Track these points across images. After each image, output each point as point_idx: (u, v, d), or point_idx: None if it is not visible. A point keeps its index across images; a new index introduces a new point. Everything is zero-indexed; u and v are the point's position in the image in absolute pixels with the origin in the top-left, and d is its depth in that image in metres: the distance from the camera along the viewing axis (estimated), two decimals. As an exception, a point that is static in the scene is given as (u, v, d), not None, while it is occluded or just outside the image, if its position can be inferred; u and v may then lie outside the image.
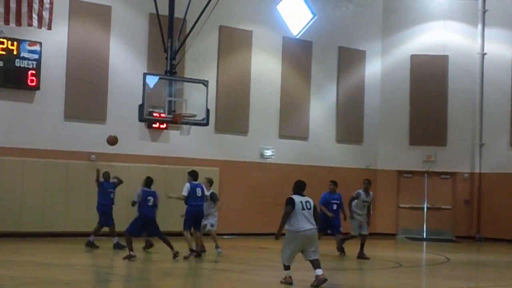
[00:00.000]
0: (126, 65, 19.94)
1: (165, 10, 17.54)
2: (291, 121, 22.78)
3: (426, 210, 24.10)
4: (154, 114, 16.84)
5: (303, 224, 11.00)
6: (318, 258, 11.11)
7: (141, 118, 16.81)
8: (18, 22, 17.77)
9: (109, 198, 16.42)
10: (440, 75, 24.16)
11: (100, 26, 19.60)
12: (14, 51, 17.98)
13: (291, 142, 22.72)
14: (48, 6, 18.03)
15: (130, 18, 20.13)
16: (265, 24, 22.31)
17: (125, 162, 19.28)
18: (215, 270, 13.95)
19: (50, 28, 18.20)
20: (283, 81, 22.67)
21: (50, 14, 18.10)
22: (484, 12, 24.02)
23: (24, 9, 17.74)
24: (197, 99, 17.01)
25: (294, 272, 11.28)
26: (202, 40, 19.44)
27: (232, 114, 21.62)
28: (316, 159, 22.91)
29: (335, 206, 16.83)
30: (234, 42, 21.75)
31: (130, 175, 18.50)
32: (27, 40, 18.17)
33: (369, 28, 24.36)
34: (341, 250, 16.61)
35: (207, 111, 17.12)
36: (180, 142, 20.05)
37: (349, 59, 23.98)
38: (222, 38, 21.54)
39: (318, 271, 11.02)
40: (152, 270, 13.90)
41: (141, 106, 16.48)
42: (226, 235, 19.98)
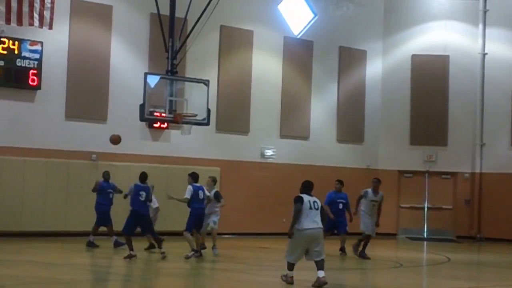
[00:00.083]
0: (127, 64, 19.95)
1: (166, 10, 17.53)
2: (292, 121, 22.78)
3: (426, 210, 24.10)
4: (155, 113, 16.82)
5: (309, 223, 10.98)
6: (323, 258, 11.09)
7: (142, 118, 16.80)
8: (19, 21, 17.78)
9: (108, 198, 16.44)
10: (441, 75, 24.15)
11: (101, 26, 19.61)
12: (15, 51, 18.00)
13: (292, 142, 22.71)
14: (49, 5, 18.04)
15: (131, 18, 20.14)
16: (266, 24, 22.31)
17: (126, 162, 19.29)
18: (216, 270, 13.95)
19: (51, 27, 18.21)
20: (284, 81, 22.67)
21: (51, 13, 18.12)
22: (485, 12, 24.01)
23: (25, 8, 17.76)
24: (198, 99, 17.00)
25: (296, 272, 11.27)
26: (203, 39, 19.43)
27: (233, 114, 21.63)
28: (316, 159, 22.90)
29: (341, 205, 16.77)
30: (235, 42, 21.75)
31: (131, 175, 18.42)
32: (28, 39, 18.19)
33: (370, 28, 24.35)
34: (343, 250, 16.61)
35: (208, 111, 17.10)
36: (181, 142, 20.06)
37: (350, 59, 23.97)
38: (223, 38, 21.54)
39: (320, 273, 11.01)
40: (152, 269, 13.90)
41: (142, 106, 16.47)
42: (226, 235, 19.99)
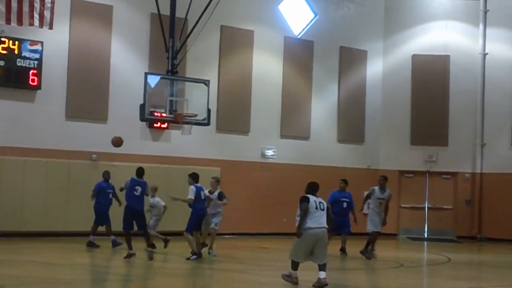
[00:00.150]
0: (128, 64, 19.94)
1: (166, 10, 17.53)
2: (293, 121, 22.77)
3: (427, 210, 24.09)
4: (156, 113, 16.81)
5: (315, 223, 10.98)
6: (325, 263, 11.07)
7: (142, 118, 16.80)
8: (20, 21, 17.77)
9: (107, 198, 16.46)
10: (441, 75, 24.14)
11: (101, 26, 19.60)
12: (16, 51, 17.99)
13: (293, 142, 22.70)
14: (49, 5, 18.04)
15: (132, 18, 20.13)
16: (266, 24, 22.30)
17: (126, 162, 19.25)
18: (216, 270, 13.94)
19: (51, 27, 18.20)
20: (285, 81, 22.66)
21: (52, 13, 18.11)
22: (485, 12, 24.00)
23: (25, 8, 17.75)
24: (198, 99, 16.99)
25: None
26: (203, 39, 19.42)
27: (233, 114, 21.61)
28: (317, 159, 22.89)
29: (345, 204, 16.74)
30: (235, 42, 21.74)
31: (131, 175, 18.31)
32: (29, 39, 18.18)
33: (370, 28, 24.34)
34: (344, 251, 16.58)
35: (208, 111, 17.09)
36: (181, 142, 20.05)
37: (350, 59, 23.96)
38: (223, 38, 21.53)
39: (321, 274, 11.01)
40: (152, 269, 13.89)
41: (142, 106, 16.46)
42: (227, 235, 19.97)
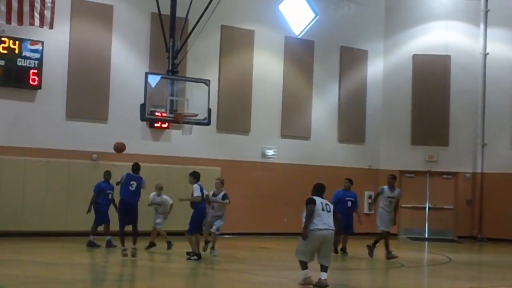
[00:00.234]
0: (128, 64, 19.93)
1: (167, 10, 17.52)
2: (293, 120, 22.75)
3: (428, 210, 24.07)
4: (156, 113, 16.81)
5: (321, 224, 10.93)
6: (327, 266, 11.04)
7: (143, 118, 16.80)
8: (20, 21, 17.77)
9: (107, 198, 16.47)
10: (442, 75, 24.12)
11: (102, 26, 19.59)
12: (16, 50, 17.98)
13: (293, 141, 22.69)
14: (50, 5, 18.03)
15: (132, 18, 20.12)
16: (267, 23, 22.29)
17: (126, 162, 19.13)
18: (216, 270, 13.93)
19: (52, 27, 18.20)
20: (285, 80, 22.65)
21: (52, 13, 18.11)
22: (486, 12, 24.00)
23: (26, 8, 17.75)
24: (198, 99, 16.99)
25: (295, 272, 11.24)
26: (204, 39, 19.41)
27: (234, 114, 21.60)
28: (318, 159, 22.88)
29: (350, 204, 16.71)
30: (236, 42, 21.73)
31: (132, 175, 18.47)
32: (29, 39, 18.17)
33: (371, 28, 24.33)
34: (343, 250, 16.56)
35: (209, 111, 17.09)
36: (181, 142, 20.03)
37: (351, 59, 23.94)
38: (224, 38, 21.52)
39: (323, 275, 10.99)
40: (153, 269, 13.88)
41: (143, 106, 16.46)
42: (227, 235, 19.95)
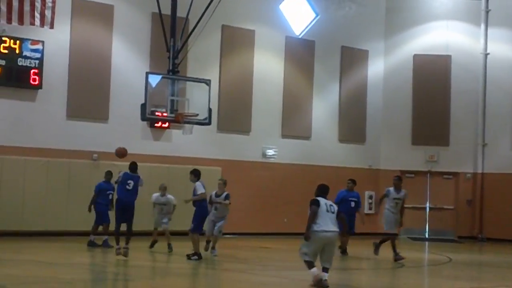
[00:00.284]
0: (129, 64, 19.94)
1: (167, 9, 17.52)
2: (294, 120, 22.75)
3: (428, 210, 24.06)
4: (157, 113, 16.80)
5: (326, 225, 10.85)
6: (329, 267, 10.99)
7: (143, 117, 16.79)
8: (21, 21, 17.78)
9: (107, 198, 16.48)
10: (442, 75, 24.12)
11: (102, 25, 19.60)
12: (17, 50, 18.00)
13: (294, 141, 22.69)
14: (50, 5, 18.04)
15: (133, 17, 20.13)
16: (267, 23, 22.29)
17: (127, 162, 19.19)
18: (217, 270, 13.93)
19: (52, 27, 18.21)
20: (286, 80, 22.65)
21: (53, 13, 18.12)
22: (487, 12, 23.99)
23: (26, 8, 17.76)
24: (199, 99, 16.98)
25: (296, 272, 11.23)
26: (204, 39, 19.41)
27: (234, 114, 21.60)
28: (318, 159, 22.88)
29: (353, 204, 16.69)
30: (236, 42, 21.73)
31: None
32: (30, 39, 18.18)
33: (371, 28, 24.33)
34: (344, 251, 16.53)
35: (210, 111, 17.09)
36: (182, 142, 20.04)
37: (351, 59, 23.95)
38: (224, 38, 21.52)
39: (324, 276, 10.94)
40: (153, 269, 13.89)
41: (143, 105, 16.45)
42: (228, 235, 19.94)
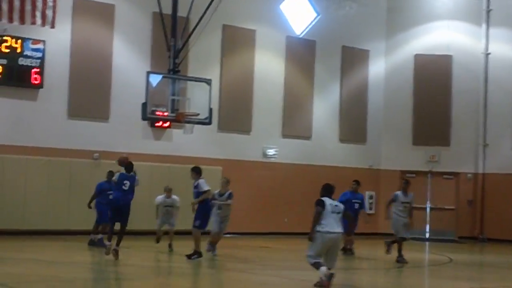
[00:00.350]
0: (130, 63, 19.95)
1: (168, 9, 17.53)
2: (294, 120, 22.76)
3: (429, 210, 24.06)
4: (157, 112, 16.83)
5: (331, 227, 10.73)
6: (331, 268, 10.89)
7: (144, 117, 16.82)
8: (22, 20, 17.80)
9: (107, 198, 16.45)
10: (444, 75, 24.12)
11: (103, 25, 19.61)
12: (18, 49, 18.03)
13: (294, 141, 22.69)
14: (51, 4, 18.06)
15: (134, 17, 20.14)
16: (268, 23, 22.29)
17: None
18: (217, 269, 13.94)
19: (53, 26, 18.23)
20: (287, 80, 22.65)
21: (54, 12, 18.15)
22: (488, 11, 23.99)
23: (27, 7, 17.78)
24: (200, 98, 17.00)
25: (296, 271, 11.22)
26: (205, 39, 19.42)
27: (235, 113, 21.61)
28: (319, 159, 22.88)
29: (357, 206, 16.57)
30: (237, 41, 21.74)
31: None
32: (31, 38, 18.21)
33: (372, 27, 24.33)
34: (348, 250, 16.47)
35: (210, 110, 17.10)
36: (183, 141, 20.04)
37: (352, 59, 23.95)
38: (225, 37, 21.53)
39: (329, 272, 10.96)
40: (154, 268, 13.90)
41: (144, 105, 16.48)
42: (228, 234, 19.94)
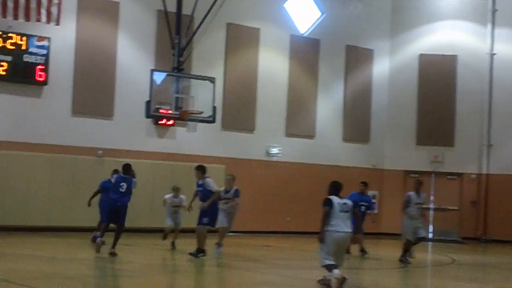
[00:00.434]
0: (134, 61, 19.97)
1: (173, 7, 17.55)
2: (298, 119, 22.74)
3: (432, 210, 24.01)
4: (161, 110, 16.87)
5: (340, 226, 10.63)
6: (339, 266, 10.74)
7: (148, 115, 16.83)
8: (27, 17, 17.84)
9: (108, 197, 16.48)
10: (448, 75, 24.08)
11: (108, 23, 19.63)
12: (23, 46, 18.06)
13: (298, 140, 22.69)
14: (56, 1, 18.11)
15: (138, 15, 20.16)
16: (272, 22, 22.28)
17: (131, 158, 19.22)
18: (219, 268, 13.94)
19: (58, 23, 18.27)
20: (290, 79, 22.65)
21: (59, 9, 18.19)
22: (493, 11, 23.95)
23: (32, 4, 17.83)
24: (204, 96, 17.01)
25: (298, 270, 11.22)
26: (209, 37, 19.43)
27: (238, 112, 21.62)
28: (322, 158, 22.87)
29: (363, 208, 16.35)
30: (241, 40, 21.74)
31: (136, 172, 18.09)
32: (36, 35, 18.24)
33: (377, 27, 24.30)
34: (361, 250, 16.39)
35: (214, 108, 17.12)
36: (186, 139, 20.06)
37: (356, 58, 23.93)
38: (229, 36, 21.53)
39: (328, 275, 10.92)
40: (156, 266, 13.92)
41: (148, 103, 16.50)
42: (231, 233, 19.94)
